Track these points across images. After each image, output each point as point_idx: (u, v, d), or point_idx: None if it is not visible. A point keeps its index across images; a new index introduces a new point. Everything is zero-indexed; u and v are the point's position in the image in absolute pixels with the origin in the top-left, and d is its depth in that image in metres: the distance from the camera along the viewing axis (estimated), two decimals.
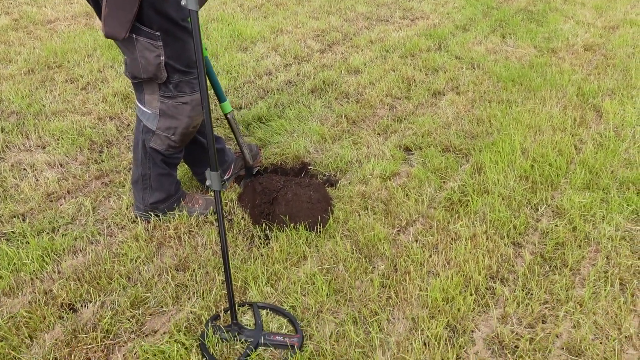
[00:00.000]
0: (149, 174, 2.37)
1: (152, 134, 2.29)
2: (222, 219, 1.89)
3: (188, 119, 2.26)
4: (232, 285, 1.93)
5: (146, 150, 2.33)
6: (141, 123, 2.29)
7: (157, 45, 2.06)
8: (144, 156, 2.34)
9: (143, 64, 2.09)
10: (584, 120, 3.59)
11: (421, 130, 3.36)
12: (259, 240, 2.39)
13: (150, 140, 2.30)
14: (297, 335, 1.93)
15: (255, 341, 1.89)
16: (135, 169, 2.39)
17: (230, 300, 1.91)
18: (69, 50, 4.16)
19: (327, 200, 2.56)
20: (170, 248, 2.33)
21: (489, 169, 2.92)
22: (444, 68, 4.33)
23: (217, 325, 1.94)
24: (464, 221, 2.54)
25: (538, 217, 2.65)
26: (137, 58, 2.08)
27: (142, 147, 2.33)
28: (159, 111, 2.24)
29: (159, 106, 2.23)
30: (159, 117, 2.25)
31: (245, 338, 1.90)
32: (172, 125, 2.26)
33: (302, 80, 4.08)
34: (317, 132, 3.27)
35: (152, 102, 2.23)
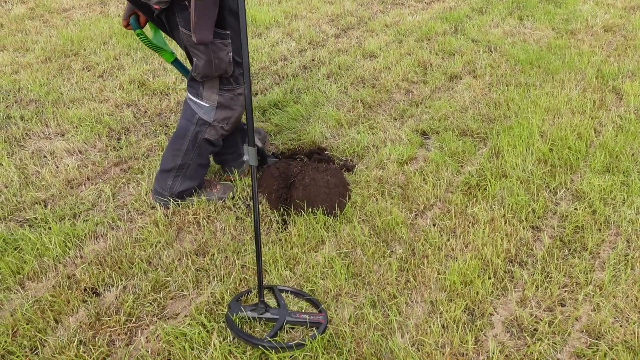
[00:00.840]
0: (189, 164, 2.43)
1: (207, 126, 2.36)
2: (256, 195, 1.90)
3: (242, 108, 2.38)
4: (262, 263, 1.96)
5: (196, 142, 2.39)
6: (195, 116, 2.35)
7: (227, 43, 2.18)
8: (191, 147, 2.40)
9: (216, 63, 2.19)
10: (603, 102, 3.54)
11: (438, 115, 3.34)
12: (277, 225, 2.40)
13: (206, 132, 2.38)
14: (322, 313, 1.95)
15: (281, 319, 1.92)
16: (173, 158, 2.42)
17: (260, 278, 1.93)
18: (85, 38, 4.18)
19: (345, 185, 2.56)
20: (189, 233, 2.36)
21: (507, 153, 2.89)
22: (460, 51, 4.28)
23: (235, 301, 1.98)
24: (482, 205, 2.53)
25: (557, 201, 2.63)
26: (211, 59, 2.17)
27: (192, 139, 2.38)
28: (216, 104, 2.33)
29: (217, 99, 2.32)
30: (217, 110, 2.34)
31: (271, 316, 1.93)
32: (228, 115, 2.37)
33: (317, 65, 4.06)
34: (333, 117, 3.26)
35: (210, 96, 2.32)
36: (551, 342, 1.89)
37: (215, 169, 2.81)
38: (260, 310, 1.93)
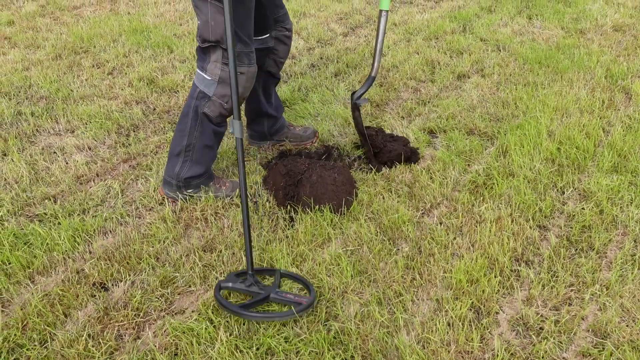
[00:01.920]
0: (194, 144, 2.46)
1: (207, 100, 2.40)
2: (242, 167, 2.03)
3: (242, 89, 2.39)
4: (250, 234, 2.04)
5: (197, 117, 2.43)
6: (197, 90, 2.41)
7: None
8: (194, 124, 2.44)
9: (213, 25, 2.24)
10: (612, 102, 3.53)
11: (445, 113, 3.34)
12: (284, 222, 2.41)
13: (205, 105, 2.41)
14: (309, 297, 1.98)
15: (265, 294, 1.98)
16: (179, 140, 2.47)
17: (248, 250, 2.02)
18: (95, 35, 4.21)
19: (351, 183, 2.57)
20: (197, 230, 2.38)
21: (515, 152, 2.89)
22: (468, 50, 4.28)
23: (234, 275, 2.06)
24: (488, 204, 2.53)
25: (564, 200, 2.62)
26: (208, 20, 2.24)
27: (193, 115, 2.43)
28: (218, 78, 2.37)
29: (219, 74, 2.37)
30: (217, 84, 2.38)
31: (257, 290, 1.99)
32: (228, 93, 2.39)
33: (325, 63, 4.07)
34: (341, 116, 3.27)
35: (214, 70, 2.36)
36: (557, 341, 1.89)
37: (222, 165, 2.82)
38: (247, 283, 2.00)
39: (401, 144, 2.87)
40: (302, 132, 3.08)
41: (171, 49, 4.09)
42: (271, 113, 2.94)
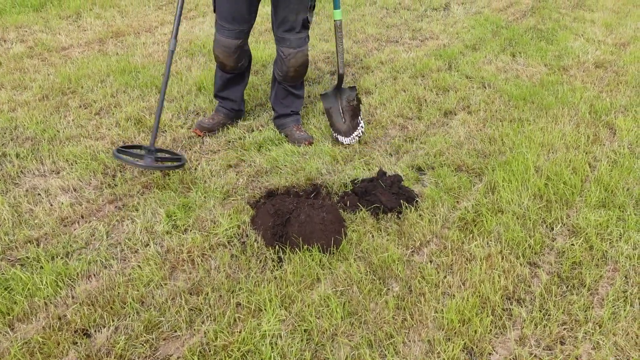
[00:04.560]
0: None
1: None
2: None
3: (216, 51, 3.31)
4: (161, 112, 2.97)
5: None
6: None
7: None
8: None
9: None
10: (597, 137, 3.56)
11: (433, 150, 3.35)
12: (272, 263, 2.38)
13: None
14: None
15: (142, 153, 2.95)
16: None
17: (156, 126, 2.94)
18: (83, 76, 4.22)
19: (340, 222, 2.55)
20: (183, 272, 2.33)
21: (503, 188, 2.89)
22: (454, 87, 4.33)
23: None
24: (478, 241, 2.51)
25: (554, 236, 2.61)
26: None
27: None
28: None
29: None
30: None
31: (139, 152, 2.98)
32: (213, 49, 3.34)
33: (313, 102, 4.09)
34: (329, 154, 3.27)
35: None
36: None
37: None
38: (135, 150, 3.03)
39: (401, 198, 2.82)
40: (298, 134, 3.45)
41: (159, 89, 4.10)
42: (273, 107, 3.63)
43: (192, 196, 2.83)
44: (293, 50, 3.26)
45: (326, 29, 5.74)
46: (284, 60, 3.30)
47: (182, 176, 3.00)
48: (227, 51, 3.26)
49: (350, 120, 3.45)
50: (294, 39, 3.24)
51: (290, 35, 3.22)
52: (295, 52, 3.27)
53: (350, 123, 3.44)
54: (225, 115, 3.59)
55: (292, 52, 3.27)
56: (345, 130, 3.44)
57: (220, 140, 3.45)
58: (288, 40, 3.23)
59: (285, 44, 3.26)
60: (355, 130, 3.42)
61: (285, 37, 3.24)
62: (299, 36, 3.25)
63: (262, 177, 3.07)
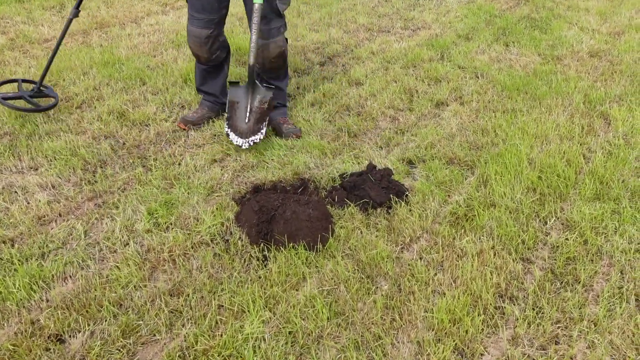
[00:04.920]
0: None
1: None
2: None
3: (190, 41, 3.23)
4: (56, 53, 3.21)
5: None
6: None
7: None
8: None
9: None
10: (592, 128, 3.49)
11: (424, 143, 3.27)
12: (256, 262, 2.29)
13: None
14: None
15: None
16: None
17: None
18: (65, 68, 4.10)
19: (328, 218, 2.46)
20: (164, 272, 2.24)
21: (495, 181, 2.81)
22: (446, 78, 4.24)
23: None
24: (470, 237, 2.44)
25: (547, 231, 2.54)
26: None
27: None
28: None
29: None
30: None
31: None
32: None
33: (301, 93, 4.00)
34: (317, 147, 3.18)
35: None
36: None
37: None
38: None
39: (391, 192, 2.74)
40: (286, 128, 3.37)
41: (144, 81, 3.99)
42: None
43: (175, 192, 2.74)
44: (266, 42, 3.11)
45: (316, 18, 5.63)
46: (258, 52, 3.10)
47: (165, 172, 2.90)
48: (198, 41, 3.15)
49: (255, 123, 3.08)
50: (265, 30, 3.07)
51: (262, 26, 3.03)
52: (268, 43, 3.12)
53: (253, 126, 3.07)
54: (210, 108, 3.49)
55: (265, 43, 3.11)
56: (244, 131, 3.06)
57: (205, 134, 3.35)
58: (260, 31, 3.02)
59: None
60: (254, 135, 3.05)
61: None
62: (271, 26, 3.09)
63: (248, 171, 2.98)
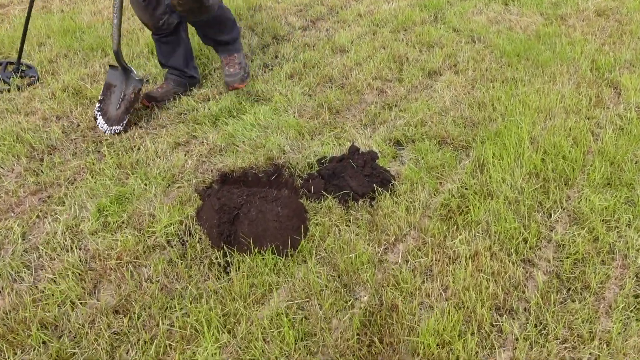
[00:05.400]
0: None
1: None
2: None
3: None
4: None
5: None
6: None
7: None
8: None
9: None
10: (600, 99, 3.14)
11: (414, 120, 2.93)
12: (217, 269, 1.99)
13: None
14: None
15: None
16: None
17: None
18: (19, 38, 3.71)
19: (301, 215, 2.15)
20: (109, 283, 1.94)
21: (493, 166, 2.49)
22: (440, 43, 3.86)
23: None
24: (463, 235, 2.13)
25: (552, 225, 2.23)
26: None
27: None
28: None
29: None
30: None
31: None
32: None
33: (280, 63, 3.63)
34: (294, 127, 2.84)
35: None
36: None
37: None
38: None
39: (375, 181, 2.42)
40: (227, 71, 3.13)
41: (106, 52, 3.61)
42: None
43: (131, 184, 2.42)
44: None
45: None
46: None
47: (120, 159, 2.57)
48: (138, 5, 2.83)
49: (123, 112, 2.80)
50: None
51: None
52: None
53: (121, 115, 2.81)
54: (176, 83, 3.13)
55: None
56: (112, 117, 2.81)
57: (170, 112, 3.00)
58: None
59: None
60: (118, 124, 2.80)
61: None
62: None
63: (215, 156, 2.65)
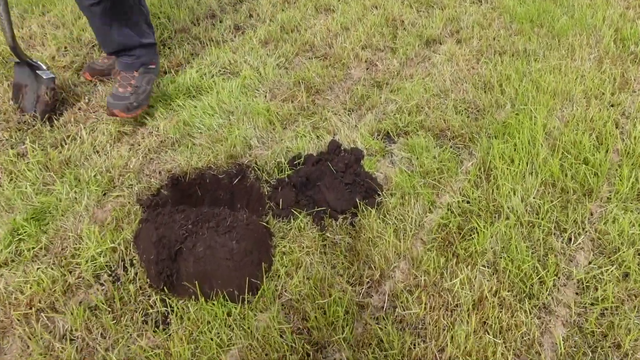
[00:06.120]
0: None
1: None
2: None
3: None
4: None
5: None
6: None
7: None
8: None
9: None
10: (625, 80, 2.67)
11: (408, 105, 2.45)
12: (153, 322, 1.57)
13: None
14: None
15: None
16: None
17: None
18: None
19: (263, 245, 1.71)
20: (15, 340, 1.52)
21: (501, 173, 2.05)
22: (441, 4, 3.33)
23: None
24: (465, 273, 1.71)
25: (572, 254, 1.82)
26: None
27: None
28: None
29: None
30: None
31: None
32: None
33: (254, 25, 3.10)
34: (263, 114, 2.36)
35: None
36: None
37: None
38: None
39: (358, 191, 1.97)
40: (114, 90, 2.29)
41: (47, 9, 3.05)
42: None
43: (58, 191, 1.96)
44: None
45: None
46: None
47: (48, 156, 2.10)
48: None
49: (41, 116, 2.32)
50: None
51: None
52: None
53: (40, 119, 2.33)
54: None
55: None
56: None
57: None
58: None
59: None
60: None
61: None
62: None
63: (166, 152, 2.19)
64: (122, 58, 2.32)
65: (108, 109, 2.20)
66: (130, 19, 2.27)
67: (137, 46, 2.31)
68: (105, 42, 2.28)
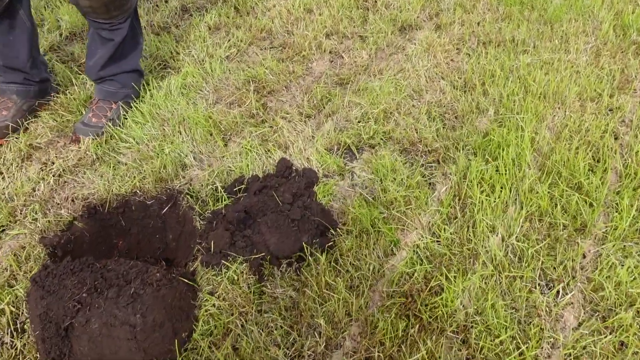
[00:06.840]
0: None
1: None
2: None
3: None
4: None
5: None
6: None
7: None
8: None
9: None
10: (626, 77, 2.33)
11: (375, 110, 2.10)
12: None
13: None
14: None
15: None
16: None
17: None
18: None
19: (182, 313, 1.39)
20: None
21: (479, 205, 1.72)
22: None
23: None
24: (429, 344, 1.40)
25: (560, 312, 1.52)
26: None
27: None
28: None
29: None
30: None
31: None
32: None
33: (204, 6, 2.69)
34: (203, 125, 2.00)
35: None
36: None
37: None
38: None
39: (306, 230, 1.64)
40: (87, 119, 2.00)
41: None
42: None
43: None
44: None
45: None
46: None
47: None
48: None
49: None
50: None
51: None
52: None
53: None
54: (20, 94, 2.04)
55: None
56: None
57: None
58: None
59: None
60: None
61: None
62: None
63: (84, 173, 1.83)
64: (107, 85, 2.07)
65: (74, 134, 1.95)
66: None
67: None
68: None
